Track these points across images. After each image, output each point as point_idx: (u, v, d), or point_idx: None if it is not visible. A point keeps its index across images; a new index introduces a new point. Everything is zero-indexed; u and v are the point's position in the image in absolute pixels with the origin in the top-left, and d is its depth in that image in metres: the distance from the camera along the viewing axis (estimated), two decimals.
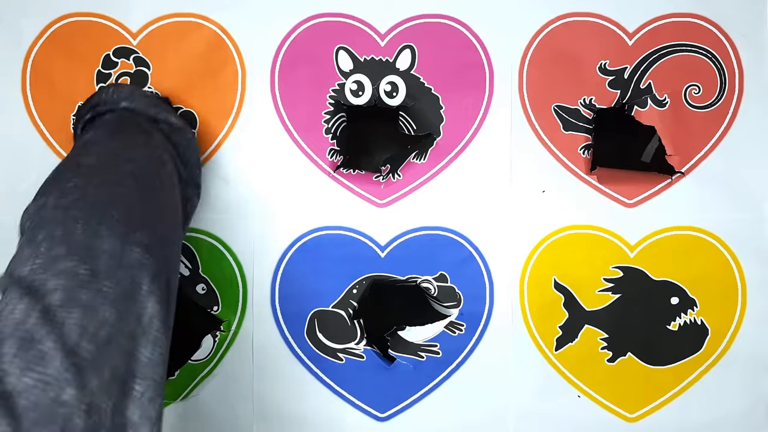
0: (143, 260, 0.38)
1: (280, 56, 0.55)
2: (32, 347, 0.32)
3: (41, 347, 0.32)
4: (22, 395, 0.31)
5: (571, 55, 0.54)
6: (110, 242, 0.37)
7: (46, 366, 0.32)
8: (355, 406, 0.56)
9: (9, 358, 0.31)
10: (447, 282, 0.55)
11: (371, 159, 0.63)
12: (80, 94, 0.55)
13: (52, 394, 0.31)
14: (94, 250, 0.36)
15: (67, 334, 0.33)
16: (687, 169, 0.54)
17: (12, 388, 0.31)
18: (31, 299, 0.33)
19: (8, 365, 0.31)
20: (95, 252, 0.36)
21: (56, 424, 0.31)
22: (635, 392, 0.55)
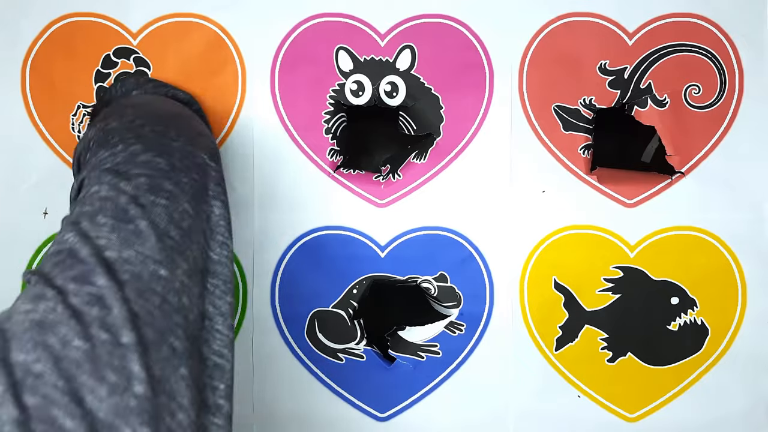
0: (209, 164, 0.40)
1: (280, 56, 0.55)
2: (127, 224, 0.33)
3: (135, 225, 0.33)
4: (124, 266, 0.32)
5: (571, 55, 0.54)
6: (179, 143, 0.39)
7: (143, 243, 0.33)
8: (355, 406, 0.56)
9: (106, 231, 0.33)
10: (447, 282, 0.55)
11: (371, 159, 0.63)
12: (80, 94, 0.55)
13: (151, 268, 0.32)
14: (167, 147, 0.38)
15: (158, 218, 0.34)
16: (687, 169, 0.54)
17: (114, 258, 0.32)
18: (119, 180, 0.35)
19: (106, 239, 0.32)
20: (169, 149, 0.38)
21: (156, 296, 0.32)
22: (635, 392, 0.55)
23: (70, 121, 0.55)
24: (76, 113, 0.55)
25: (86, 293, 0.30)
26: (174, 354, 0.31)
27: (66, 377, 0.27)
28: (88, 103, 0.55)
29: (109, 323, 0.29)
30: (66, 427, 0.26)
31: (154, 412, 0.29)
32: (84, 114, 0.55)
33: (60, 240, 0.33)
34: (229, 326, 0.37)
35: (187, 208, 0.37)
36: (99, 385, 0.28)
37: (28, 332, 0.29)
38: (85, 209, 0.35)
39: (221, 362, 0.35)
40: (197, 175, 0.39)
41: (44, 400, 0.27)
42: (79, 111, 0.55)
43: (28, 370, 0.27)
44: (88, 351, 0.28)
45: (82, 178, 0.38)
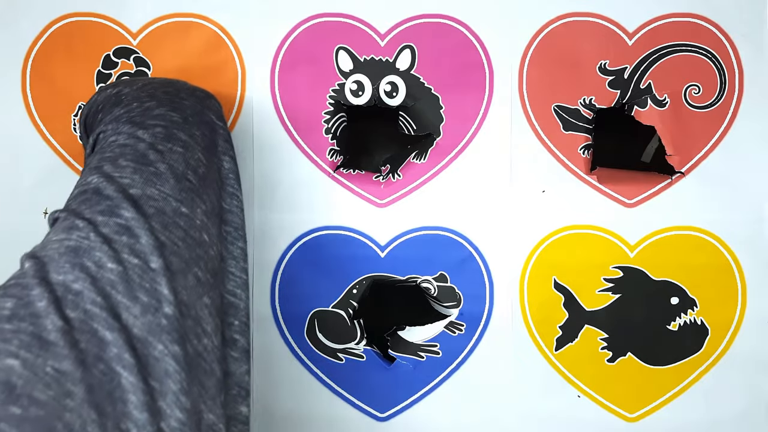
0: (216, 122, 0.43)
1: (280, 56, 0.55)
2: (148, 167, 0.35)
3: (156, 168, 0.35)
4: (149, 201, 0.33)
5: (571, 55, 0.54)
6: (189, 102, 0.42)
7: (164, 183, 0.35)
8: (355, 406, 0.56)
9: (129, 172, 0.34)
10: (447, 282, 0.55)
11: (371, 159, 0.63)
12: (81, 94, 0.55)
13: (173, 205, 0.34)
14: (179, 104, 0.41)
15: (175, 163, 0.36)
16: (687, 169, 0.54)
17: (138, 194, 0.34)
18: (136, 129, 0.37)
19: (129, 179, 0.34)
20: (181, 105, 0.40)
21: (180, 229, 0.34)
22: (635, 392, 0.55)
23: (72, 122, 0.55)
24: (77, 113, 0.55)
25: (115, 223, 0.32)
26: (198, 283, 0.33)
27: (103, 295, 0.30)
28: None
29: (138, 250, 0.31)
30: (106, 338, 0.28)
31: (183, 333, 0.31)
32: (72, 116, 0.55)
33: (83, 182, 0.35)
34: (241, 269, 0.39)
35: (201, 157, 0.39)
36: (133, 304, 0.30)
37: (64, 256, 0.30)
38: (106, 155, 0.36)
39: (235, 301, 0.38)
40: (207, 131, 0.41)
41: (85, 314, 0.29)
42: (80, 111, 0.55)
43: (68, 288, 0.29)
44: (122, 273, 0.30)
45: (98, 132, 0.39)
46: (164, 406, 0.29)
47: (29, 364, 0.26)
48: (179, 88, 0.43)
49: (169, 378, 0.29)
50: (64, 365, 0.27)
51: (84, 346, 0.28)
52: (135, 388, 0.28)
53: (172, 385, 0.29)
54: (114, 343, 0.28)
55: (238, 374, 0.38)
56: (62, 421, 0.25)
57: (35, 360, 0.26)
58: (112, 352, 0.28)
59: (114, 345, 0.28)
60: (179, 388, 0.30)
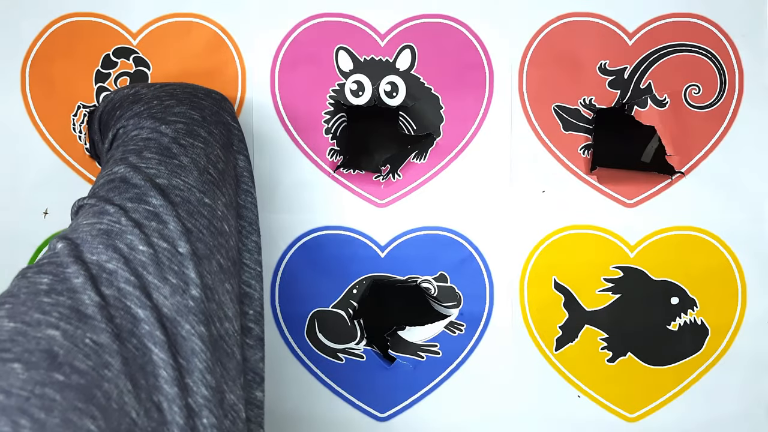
0: (232, 124, 0.44)
1: (280, 56, 0.55)
2: (172, 159, 0.37)
3: (179, 161, 0.37)
4: (174, 191, 0.35)
5: (571, 55, 0.54)
6: (208, 102, 0.43)
7: (187, 175, 0.36)
8: (355, 406, 0.56)
9: (155, 163, 0.36)
10: (447, 282, 0.55)
11: (371, 159, 0.63)
12: (80, 94, 0.55)
13: (197, 195, 0.36)
14: (198, 104, 0.42)
15: (198, 157, 0.38)
16: (687, 169, 0.54)
17: (165, 184, 0.35)
18: (159, 125, 0.38)
19: (155, 170, 0.36)
20: (200, 105, 0.42)
21: (204, 218, 0.35)
22: (635, 392, 0.55)
23: (71, 122, 0.55)
24: (77, 113, 0.55)
25: (144, 209, 0.33)
26: (221, 269, 0.35)
27: (136, 275, 0.31)
28: (88, 103, 0.55)
29: (167, 235, 0.33)
30: (139, 315, 0.30)
31: (208, 315, 0.32)
32: (84, 114, 0.55)
33: (109, 172, 0.36)
34: (255, 261, 0.41)
35: (219, 153, 0.40)
36: (163, 285, 0.31)
37: (97, 238, 0.32)
38: (129, 147, 0.37)
39: (250, 291, 0.39)
40: (224, 130, 0.43)
41: (119, 292, 0.30)
42: (80, 111, 0.55)
43: (102, 267, 0.31)
44: (152, 255, 0.32)
45: (118, 128, 0.40)
46: (191, 383, 0.30)
47: (69, 335, 0.27)
48: (196, 88, 0.45)
49: (195, 357, 0.31)
50: (101, 338, 0.28)
51: (119, 322, 0.29)
52: (165, 363, 0.29)
53: (198, 363, 0.31)
54: (146, 321, 0.30)
55: (253, 361, 0.39)
56: (101, 389, 0.26)
57: (75, 331, 0.28)
58: (144, 329, 0.30)
59: (146, 323, 0.30)
60: (205, 366, 0.31)
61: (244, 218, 0.41)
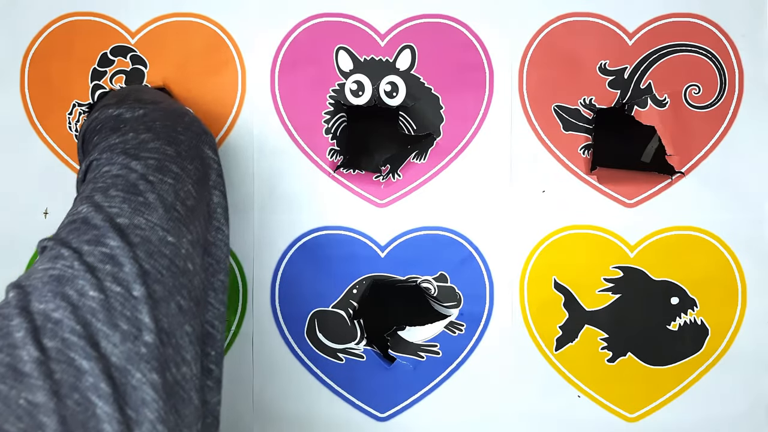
0: (211, 157, 0.44)
1: (280, 56, 0.55)
2: (137, 197, 0.36)
3: (145, 198, 0.36)
4: (135, 230, 0.34)
5: (571, 55, 0.54)
6: (185, 137, 0.42)
7: (152, 213, 0.35)
8: (355, 406, 0.56)
9: (118, 201, 0.35)
10: (447, 282, 0.55)
11: (371, 159, 0.63)
12: (76, 92, 0.55)
13: (160, 234, 0.35)
14: (175, 138, 0.41)
15: (165, 193, 0.37)
16: (687, 169, 0.54)
17: (125, 224, 0.34)
18: (130, 161, 0.38)
19: (118, 209, 0.35)
20: (176, 140, 0.41)
21: (165, 258, 0.34)
22: (635, 392, 0.55)
23: (66, 120, 0.55)
24: (72, 112, 0.55)
25: (100, 252, 0.33)
26: (180, 311, 0.34)
27: (83, 323, 0.30)
28: (83, 101, 0.55)
29: (121, 278, 0.32)
30: (83, 367, 0.29)
31: (162, 361, 0.31)
32: (80, 113, 0.55)
33: (74, 212, 0.36)
34: (219, 300, 0.40)
35: (191, 189, 0.39)
36: (113, 332, 0.30)
37: (48, 285, 0.31)
38: (98, 185, 0.37)
39: (212, 331, 0.38)
40: (200, 165, 0.42)
41: (63, 343, 0.29)
42: (75, 109, 0.55)
43: (48, 317, 0.30)
44: (103, 301, 0.31)
45: (91, 159, 0.40)
46: None
47: (2, 396, 0.27)
48: (177, 120, 0.44)
49: (146, 407, 0.30)
50: (37, 397, 0.27)
51: (59, 377, 0.28)
52: (110, 417, 0.28)
53: (148, 413, 0.30)
54: (90, 372, 0.29)
55: (212, 403, 0.38)
56: None
57: (9, 392, 0.27)
58: (87, 382, 0.29)
59: (90, 374, 0.29)
60: (156, 416, 0.30)
61: (212, 255, 0.40)
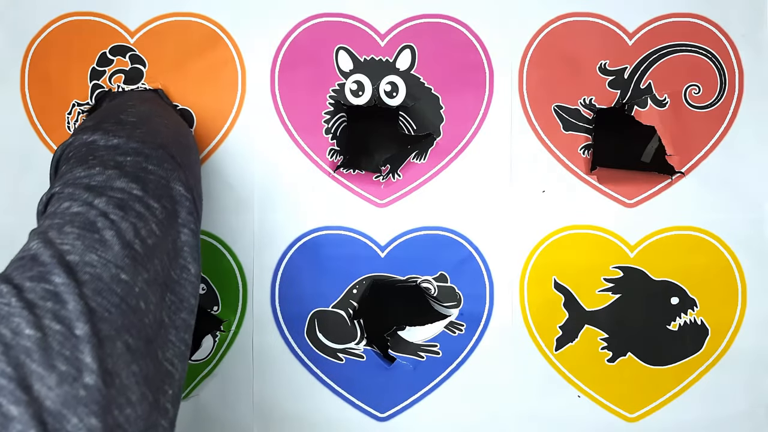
0: (183, 194, 0.42)
1: (280, 56, 0.55)
2: (93, 234, 0.35)
3: (101, 235, 0.35)
4: (85, 267, 0.33)
5: (571, 55, 0.54)
6: (155, 176, 0.41)
7: (107, 250, 0.34)
8: (355, 406, 0.56)
9: (71, 238, 0.34)
10: (447, 282, 0.55)
11: (371, 159, 0.63)
12: (75, 92, 0.55)
13: (113, 271, 0.34)
14: (143, 177, 0.40)
15: (124, 231, 0.36)
16: (687, 169, 0.54)
17: (75, 261, 0.33)
18: (92, 197, 0.37)
19: (70, 245, 0.34)
20: (145, 179, 0.40)
21: (115, 296, 0.33)
22: (635, 392, 0.55)
23: (65, 120, 0.55)
24: (71, 111, 0.55)
25: (42, 289, 0.31)
26: (128, 350, 0.32)
27: (15, 365, 0.28)
28: (82, 101, 0.55)
29: (63, 316, 0.30)
30: (11, 413, 0.27)
31: (104, 404, 0.29)
32: (79, 113, 0.55)
33: (25, 248, 0.35)
34: (181, 339, 0.38)
35: (154, 228, 0.38)
36: (49, 374, 0.28)
37: None
38: (54, 221, 0.36)
39: (171, 369, 0.37)
40: (169, 204, 0.41)
41: None
42: (74, 109, 0.55)
43: None
44: (40, 340, 0.29)
45: (53, 192, 0.38)
46: None
47: None
48: (151, 154, 0.42)
49: None
50: None
51: None
52: None
53: None
54: (19, 419, 0.27)
55: None
56: None
57: None
58: (15, 430, 0.27)
59: (19, 421, 0.27)
60: None
61: (175, 294, 0.39)
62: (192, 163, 0.47)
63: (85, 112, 0.55)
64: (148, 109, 0.49)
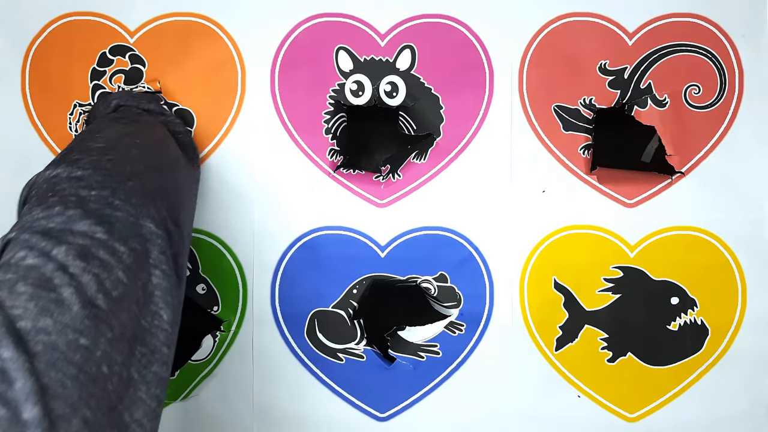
0: (154, 231, 0.39)
1: (280, 56, 0.55)
2: (49, 293, 0.31)
3: (58, 294, 0.32)
4: (38, 336, 0.30)
5: (571, 55, 0.54)
6: (123, 212, 0.37)
7: (64, 312, 0.31)
8: (355, 406, 0.56)
9: (24, 300, 0.31)
10: (447, 282, 0.55)
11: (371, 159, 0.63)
12: (76, 92, 0.55)
13: (70, 337, 0.31)
14: (108, 216, 0.37)
15: (86, 286, 0.33)
16: (687, 169, 0.54)
17: (27, 328, 0.30)
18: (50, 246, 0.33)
19: (22, 309, 0.30)
20: (110, 218, 0.36)
21: (73, 366, 0.30)
22: (635, 392, 0.55)
23: (67, 120, 0.55)
24: (73, 112, 0.55)
25: None
26: (86, 425, 0.30)
27: None
28: (84, 101, 0.55)
29: (9, 398, 0.28)
30: None
31: None
32: (80, 113, 0.55)
33: None
34: (152, 396, 0.35)
35: (120, 276, 0.35)
36: None
37: None
38: (7, 277, 0.32)
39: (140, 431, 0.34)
40: (138, 244, 0.37)
41: None
42: (76, 110, 0.55)
43: None
44: None
45: (9, 237, 0.35)
46: None
47: None
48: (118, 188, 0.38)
49: None
50: None
51: None
52: None
53: None
54: None
55: None
56: None
57: None
58: None
59: None
60: None
61: (146, 344, 0.36)
62: (168, 187, 0.44)
63: (86, 113, 0.55)
64: (119, 131, 0.46)
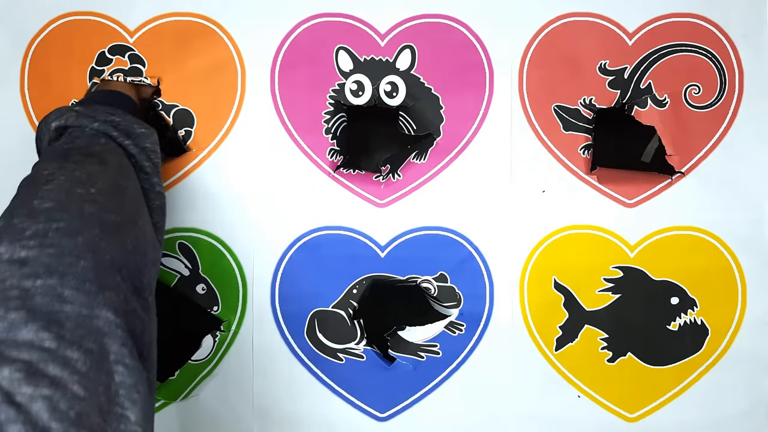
0: (112, 321, 0.34)
1: (280, 56, 0.55)
2: None
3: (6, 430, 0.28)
4: None
5: (571, 55, 0.54)
6: (75, 305, 0.33)
7: None
8: (355, 406, 0.56)
9: None
10: (447, 282, 0.55)
11: (371, 159, 0.63)
12: (74, 91, 0.55)
13: None
14: (57, 315, 0.32)
15: (36, 416, 0.28)
16: (687, 169, 0.54)
17: None
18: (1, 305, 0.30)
19: None
20: (58, 317, 0.32)
21: None
22: (635, 392, 0.55)
23: None
24: None
25: None
26: None
27: None
28: None
29: None
30: None
31: None
32: None
33: None
34: None
35: (76, 391, 0.30)
36: None
37: None
38: None
39: None
40: (94, 343, 0.33)
41: None
42: None
43: None
44: None
45: None
46: None
47: None
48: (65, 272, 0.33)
49: None
50: None
51: None
52: None
53: None
54: None
55: None
56: None
57: None
58: None
59: None
60: None
61: None
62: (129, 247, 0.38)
63: None
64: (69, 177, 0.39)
